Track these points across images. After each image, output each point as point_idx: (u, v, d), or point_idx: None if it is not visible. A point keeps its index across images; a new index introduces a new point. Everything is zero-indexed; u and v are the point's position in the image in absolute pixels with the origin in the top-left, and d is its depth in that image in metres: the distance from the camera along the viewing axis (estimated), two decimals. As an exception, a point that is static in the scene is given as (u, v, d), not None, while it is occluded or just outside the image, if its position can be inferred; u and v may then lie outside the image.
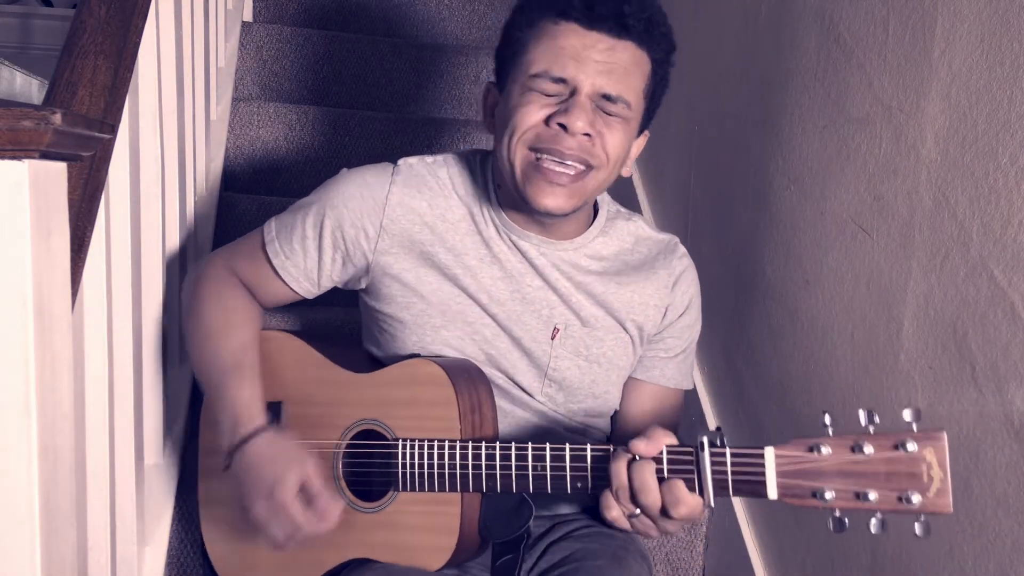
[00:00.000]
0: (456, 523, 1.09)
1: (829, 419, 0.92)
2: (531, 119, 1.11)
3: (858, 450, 0.90)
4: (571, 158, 1.11)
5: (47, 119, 0.73)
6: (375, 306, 1.24)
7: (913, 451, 0.88)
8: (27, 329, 0.76)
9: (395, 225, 1.19)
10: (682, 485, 0.95)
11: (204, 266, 1.28)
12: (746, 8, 1.71)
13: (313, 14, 2.66)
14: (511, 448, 1.06)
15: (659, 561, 1.60)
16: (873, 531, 0.90)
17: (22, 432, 0.76)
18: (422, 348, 1.21)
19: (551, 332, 1.22)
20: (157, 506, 1.38)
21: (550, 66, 1.10)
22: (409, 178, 1.21)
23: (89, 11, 1.12)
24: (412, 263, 1.20)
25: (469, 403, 1.12)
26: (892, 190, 1.22)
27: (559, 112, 1.10)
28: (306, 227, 1.21)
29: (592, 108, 1.10)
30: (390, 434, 1.13)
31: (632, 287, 1.24)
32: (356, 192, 1.20)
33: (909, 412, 0.89)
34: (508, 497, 1.09)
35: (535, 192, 1.12)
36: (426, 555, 1.10)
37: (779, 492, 0.93)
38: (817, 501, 0.91)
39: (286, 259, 1.23)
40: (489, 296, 1.20)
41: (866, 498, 0.89)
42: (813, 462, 0.91)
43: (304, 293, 1.26)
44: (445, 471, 1.08)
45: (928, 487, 0.88)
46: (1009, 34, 1.02)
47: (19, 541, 0.76)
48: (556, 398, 1.23)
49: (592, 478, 1.03)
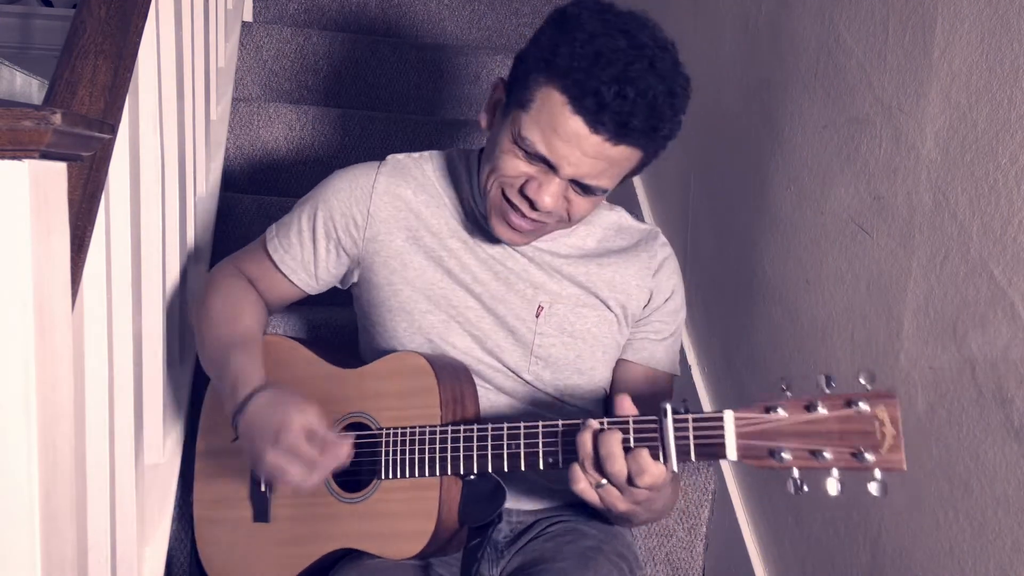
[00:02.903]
0: (435, 507, 1.10)
1: (785, 384, 0.95)
2: (509, 171, 1.13)
3: (812, 409, 0.92)
4: (533, 215, 1.15)
5: (47, 119, 0.73)
6: (367, 298, 1.29)
7: (865, 409, 0.91)
8: (27, 329, 0.76)
9: (381, 212, 1.26)
10: (646, 453, 0.97)
11: (214, 271, 1.35)
12: (746, 8, 1.71)
13: (313, 14, 2.66)
14: (487, 429, 1.08)
15: (659, 561, 1.60)
16: (831, 492, 0.91)
17: (22, 432, 0.76)
18: (411, 334, 1.24)
19: (535, 310, 1.25)
20: (157, 506, 1.38)
21: (539, 144, 1.09)
22: (394, 169, 1.29)
23: (89, 11, 1.12)
24: (398, 248, 1.25)
25: (451, 393, 1.14)
26: (892, 190, 1.22)
27: (531, 183, 1.12)
28: (301, 222, 1.28)
29: (565, 187, 1.12)
30: (375, 425, 1.15)
31: (612, 268, 1.28)
32: (345, 185, 1.27)
33: (864, 376, 0.91)
34: (484, 482, 1.11)
35: (497, 226, 1.19)
36: (405, 541, 1.11)
37: (738, 453, 0.95)
38: (774, 461, 0.93)
39: (284, 253, 1.29)
40: (473, 277, 1.25)
41: (821, 456, 0.92)
42: (770, 422, 0.94)
43: (303, 286, 1.31)
44: (426, 455, 1.11)
45: (881, 444, 0.90)
46: (1009, 34, 1.02)
47: (19, 541, 0.76)
48: (543, 376, 1.25)
49: (563, 452, 1.05)
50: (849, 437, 0.91)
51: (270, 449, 1.06)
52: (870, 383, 0.91)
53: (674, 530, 1.61)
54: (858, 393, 0.91)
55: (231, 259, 1.36)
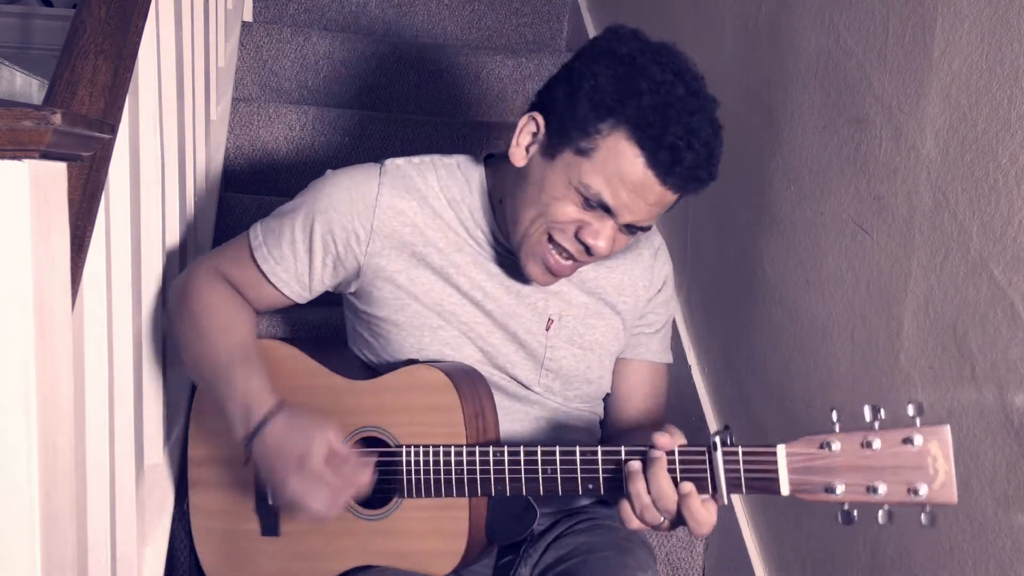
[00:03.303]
0: (464, 527, 1.09)
1: (836, 415, 0.94)
2: (563, 217, 1.11)
3: (867, 446, 0.92)
4: (584, 259, 1.14)
5: (47, 119, 0.73)
6: (367, 310, 1.24)
7: (920, 445, 0.91)
8: (27, 329, 0.76)
9: (386, 227, 1.19)
10: (697, 502, 0.97)
11: (189, 273, 1.27)
12: (746, 8, 1.71)
13: (313, 14, 2.66)
14: (520, 452, 1.06)
15: (659, 561, 1.60)
16: (880, 522, 0.92)
17: (22, 432, 0.76)
18: (420, 350, 1.20)
19: (545, 323, 1.23)
20: (157, 506, 1.38)
21: (604, 193, 1.08)
22: (396, 179, 1.21)
23: (89, 11, 1.12)
24: (404, 264, 1.20)
25: (473, 408, 1.11)
26: (892, 190, 1.22)
27: (586, 229, 1.11)
28: (295, 232, 1.20)
29: (617, 230, 1.12)
30: (392, 441, 1.12)
31: (621, 269, 1.28)
32: (345, 195, 1.19)
33: (912, 407, 0.91)
34: (514, 500, 1.09)
35: (532, 267, 1.15)
36: (434, 560, 1.10)
37: (791, 488, 0.95)
38: (828, 496, 0.94)
39: (276, 264, 1.22)
40: (483, 293, 1.21)
41: (875, 491, 0.92)
42: (824, 458, 0.94)
43: (295, 298, 1.25)
44: (452, 476, 1.08)
45: (934, 479, 0.90)
46: (1009, 34, 1.02)
47: (19, 541, 0.76)
48: (553, 387, 1.25)
49: (604, 480, 1.03)
50: (904, 472, 0.91)
51: (293, 477, 1.04)
52: (918, 414, 0.91)
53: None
54: (912, 427, 0.91)
55: (209, 261, 1.27)
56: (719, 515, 1.00)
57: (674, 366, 1.86)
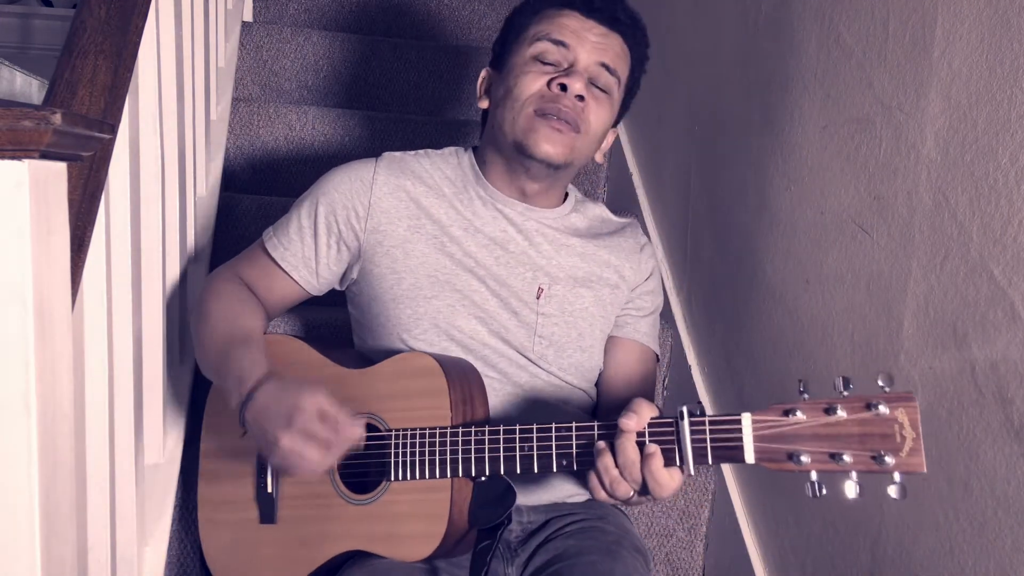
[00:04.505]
0: (446, 509, 1.10)
1: (803, 386, 0.95)
2: (533, 87, 1.25)
3: (831, 412, 0.92)
4: (567, 117, 1.24)
5: (47, 119, 0.73)
6: (368, 292, 1.30)
7: (884, 412, 0.91)
8: (27, 329, 0.76)
9: (383, 202, 1.29)
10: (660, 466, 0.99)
11: (211, 278, 1.35)
12: (746, 8, 1.71)
13: (313, 14, 2.66)
14: (499, 431, 1.08)
15: (659, 561, 1.60)
16: (849, 495, 0.91)
17: (22, 432, 0.76)
18: (415, 320, 1.25)
19: (536, 292, 1.29)
20: (157, 506, 1.38)
21: (551, 32, 1.27)
22: (392, 162, 1.33)
23: (89, 11, 1.12)
24: (401, 237, 1.28)
25: (461, 394, 1.14)
26: (892, 190, 1.22)
27: (559, 76, 1.25)
28: (301, 218, 1.31)
29: (587, 81, 1.26)
30: (384, 426, 1.15)
31: (607, 248, 1.37)
32: (344, 178, 1.31)
33: (882, 377, 0.91)
34: (494, 484, 1.11)
35: (537, 138, 1.25)
36: (416, 543, 1.11)
37: (756, 456, 0.95)
38: (793, 464, 0.93)
39: (284, 250, 1.31)
40: (476, 261, 1.28)
41: (841, 459, 0.91)
42: (788, 426, 0.94)
43: (304, 284, 1.32)
44: (436, 457, 1.10)
45: (901, 447, 0.90)
46: (1009, 34, 1.02)
47: (19, 541, 0.76)
48: (547, 355, 1.29)
49: (577, 455, 1.06)
50: (868, 440, 0.91)
51: (284, 433, 1.04)
52: (888, 385, 0.91)
53: (674, 530, 1.61)
54: (877, 395, 0.91)
55: (227, 266, 1.36)
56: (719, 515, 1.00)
57: (674, 366, 1.87)
